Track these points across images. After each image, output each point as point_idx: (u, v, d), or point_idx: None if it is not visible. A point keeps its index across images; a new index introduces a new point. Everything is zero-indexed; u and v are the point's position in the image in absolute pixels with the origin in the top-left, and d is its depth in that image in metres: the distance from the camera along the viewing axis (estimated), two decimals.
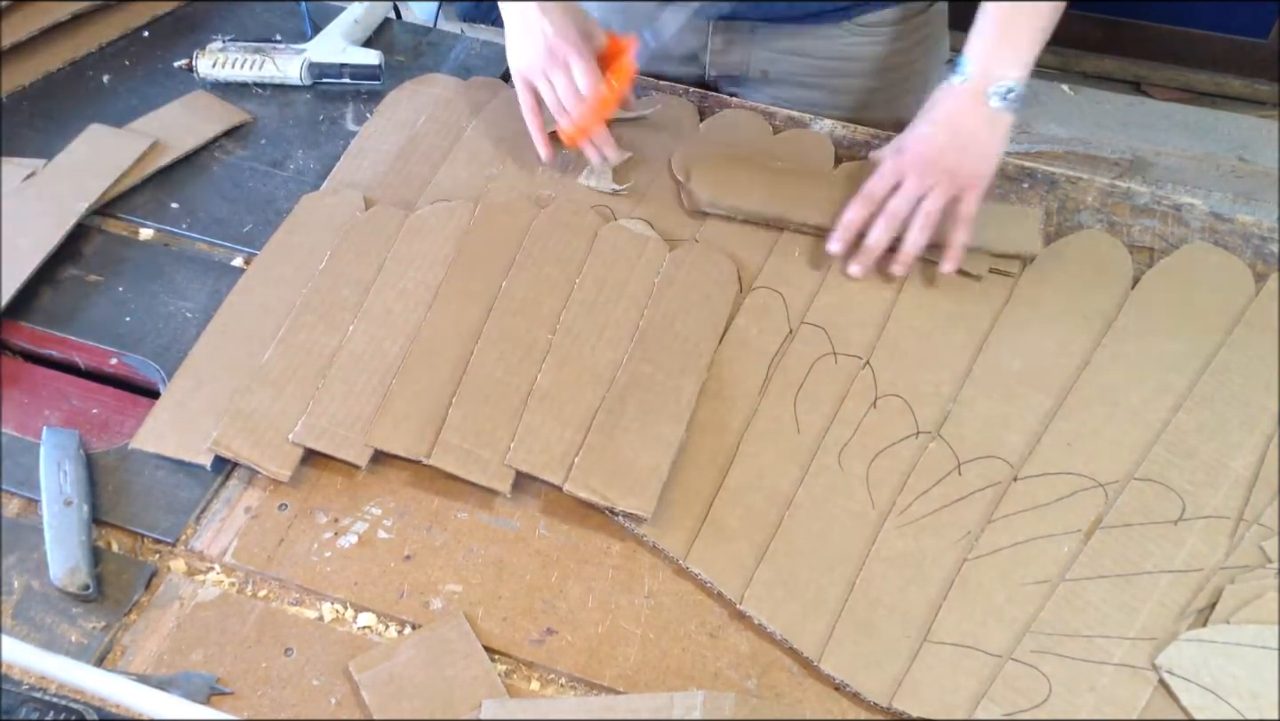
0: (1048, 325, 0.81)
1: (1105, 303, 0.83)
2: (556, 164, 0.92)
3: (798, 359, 0.79)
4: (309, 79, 0.99)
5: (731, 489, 0.73)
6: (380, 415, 0.75)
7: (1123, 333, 0.81)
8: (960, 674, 0.65)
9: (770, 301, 0.83)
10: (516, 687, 0.65)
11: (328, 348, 0.78)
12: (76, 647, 0.65)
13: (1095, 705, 0.63)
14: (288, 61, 0.98)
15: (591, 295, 0.82)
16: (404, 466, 0.74)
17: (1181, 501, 0.72)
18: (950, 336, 0.81)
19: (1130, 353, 0.79)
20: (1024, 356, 0.79)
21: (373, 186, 0.90)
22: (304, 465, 0.74)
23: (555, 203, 0.88)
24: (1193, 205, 0.91)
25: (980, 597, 0.68)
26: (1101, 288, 0.84)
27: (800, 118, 0.97)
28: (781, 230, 0.87)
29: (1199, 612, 0.67)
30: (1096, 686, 0.64)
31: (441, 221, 0.86)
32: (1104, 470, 0.73)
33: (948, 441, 0.75)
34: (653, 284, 0.83)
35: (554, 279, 0.83)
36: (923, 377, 0.78)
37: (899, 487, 0.73)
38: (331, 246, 0.84)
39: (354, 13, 1.03)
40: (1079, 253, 0.86)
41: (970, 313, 0.82)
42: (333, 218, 0.87)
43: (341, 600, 0.68)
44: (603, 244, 0.85)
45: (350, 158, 0.93)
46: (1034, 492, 0.72)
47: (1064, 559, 0.69)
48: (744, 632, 0.67)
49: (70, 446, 0.73)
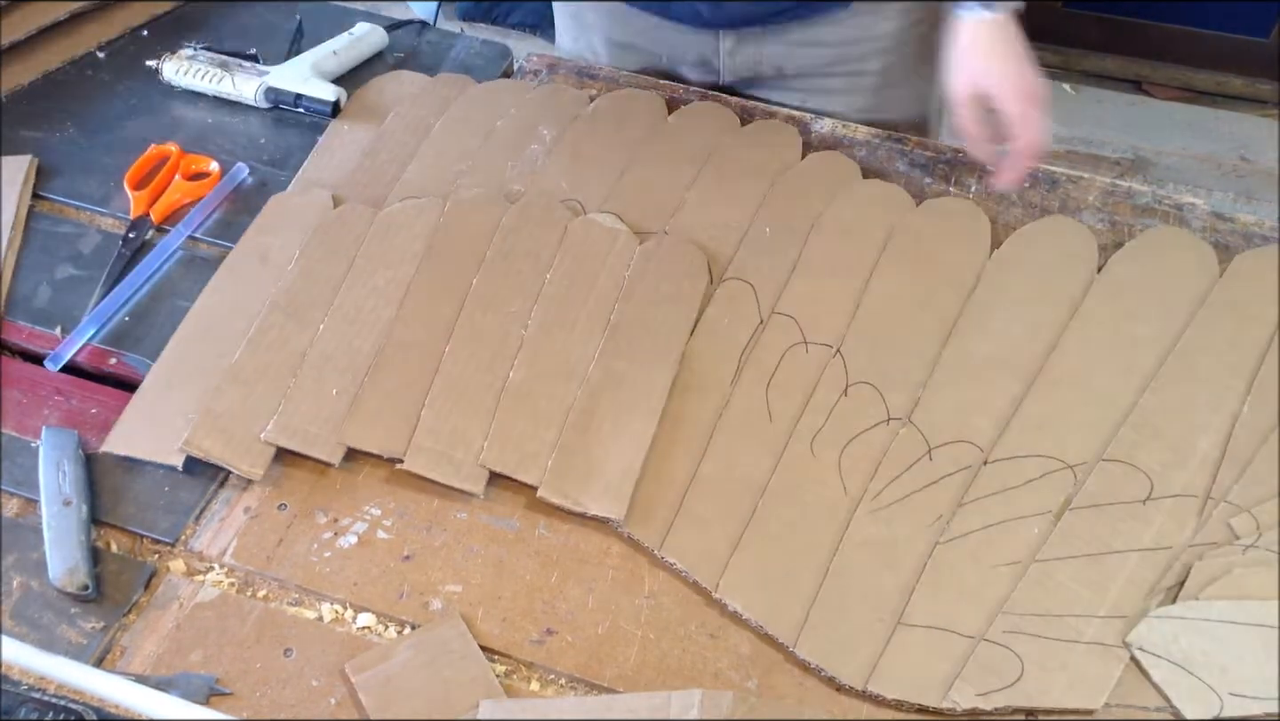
0: (1015, 310, 0.82)
1: (1072, 286, 0.83)
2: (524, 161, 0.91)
3: (769, 349, 0.80)
4: (265, 102, 0.97)
5: (705, 478, 0.73)
6: (353, 413, 0.75)
7: (1089, 316, 0.81)
8: (934, 655, 0.65)
9: (740, 292, 0.83)
10: (516, 688, 0.65)
11: (299, 346, 0.78)
12: (75, 648, 0.65)
13: (1068, 682, 0.64)
14: (246, 82, 0.97)
15: (562, 290, 0.82)
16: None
17: (1149, 481, 0.72)
18: (919, 323, 0.81)
19: (1097, 336, 0.80)
20: (992, 341, 0.80)
21: (340, 185, 0.90)
22: (304, 466, 0.74)
23: (525, 198, 0.88)
24: (1194, 205, 0.90)
25: (952, 580, 0.68)
26: (1068, 272, 0.84)
27: (801, 117, 0.97)
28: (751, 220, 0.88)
29: (1168, 590, 0.68)
30: (1068, 664, 0.65)
31: (411, 219, 0.86)
32: (1072, 452, 0.74)
33: (918, 427, 0.75)
34: (623, 277, 0.83)
35: (524, 274, 0.83)
36: (893, 364, 0.79)
37: (871, 473, 0.73)
38: (301, 245, 0.84)
39: (336, 43, 1.01)
40: (1046, 238, 0.87)
41: (939, 299, 0.83)
42: (302, 217, 0.87)
43: (341, 600, 0.68)
44: (573, 238, 0.85)
45: (318, 155, 0.93)
46: (1004, 475, 0.73)
47: (1034, 540, 0.70)
48: (744, 633, 0.67)
49: (69, 446, 0.72)
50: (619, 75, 1.01)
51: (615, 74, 1.01)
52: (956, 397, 0.77)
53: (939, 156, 0.94)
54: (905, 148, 0.95)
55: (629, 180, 0.91)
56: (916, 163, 0.93)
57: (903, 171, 0.93)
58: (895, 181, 0.91)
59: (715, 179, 0.91)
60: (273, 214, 0.87)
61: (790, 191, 0.90)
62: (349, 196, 0.89)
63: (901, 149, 0.95)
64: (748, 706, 0.60)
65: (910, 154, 0.94)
